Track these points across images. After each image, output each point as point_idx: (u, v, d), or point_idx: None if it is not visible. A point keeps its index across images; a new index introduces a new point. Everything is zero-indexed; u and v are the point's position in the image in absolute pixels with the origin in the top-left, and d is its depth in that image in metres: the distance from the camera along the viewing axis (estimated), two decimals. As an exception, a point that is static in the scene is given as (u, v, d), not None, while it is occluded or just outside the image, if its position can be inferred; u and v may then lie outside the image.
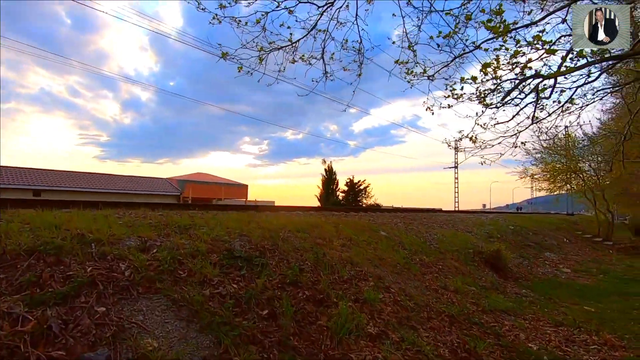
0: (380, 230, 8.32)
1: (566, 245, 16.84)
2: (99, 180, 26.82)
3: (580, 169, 21.04)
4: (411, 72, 5.22)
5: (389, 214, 13.02)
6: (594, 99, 6.53)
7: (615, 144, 8.55)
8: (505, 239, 13.44)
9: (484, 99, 4.44)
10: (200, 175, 39.28)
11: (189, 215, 5.71)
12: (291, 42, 5.43)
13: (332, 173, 36.04)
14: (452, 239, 10.23)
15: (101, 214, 4.70)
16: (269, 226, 5.29)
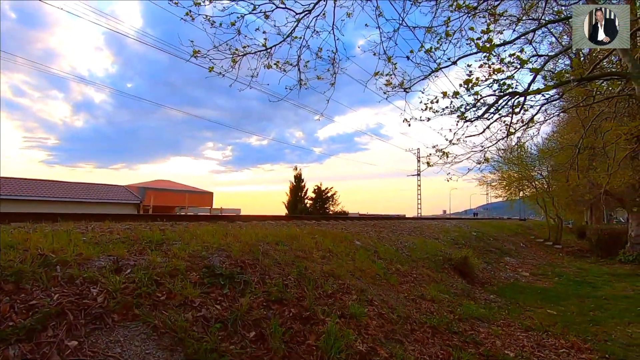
0: (355, 240, 8.32)
1: (523, 249, 17.83)
2: (48, 187, 24.74)
3: (532, 178, 22.57)
4: (390, 84, 5.29)
5: (360, 222, 13.11)
6: (552, 115, 6.97)
7: (570, 156, 9.20)
8: (470, 245, 13.97)
9: (463, 114, 4.58)
10: (162, 182, 37.60)
11: (159, 228, 5.36)
12: (266, 47, 5.31)
13: (300, 180, 35.91)
14: (422, 247, 10.45)
15: (62, 229, 4.28)
16: (248, 239, 5.08)
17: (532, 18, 5.59)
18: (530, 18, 5.61)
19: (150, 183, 36.08)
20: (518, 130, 6.07)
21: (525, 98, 4.59)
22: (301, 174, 36.37)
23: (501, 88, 4.10)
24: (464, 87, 4.10)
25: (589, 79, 3.87)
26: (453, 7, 3.91)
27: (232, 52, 4.54)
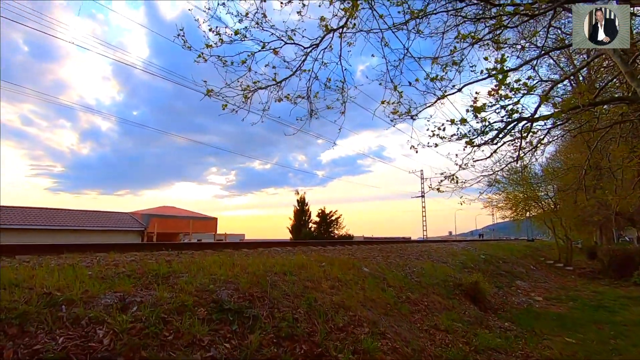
0: (363, 266, 8.15)
1: (534, 272, 17.42)
2: (52, 216, 24.75)
3: (539, 198, 22.35)
4: (396, 112, 5.32)
5: (366, 247, 12.91)
6: (557, 137, 6.96)
7: (577, 177, 9.13)
8: (479, 269, 13.66)
9: (471, 141, 4.57)
10: (166, 209, 37.58)
11: (164, 259, 5.28)
12: (276, 81, 5.40)
13: (304, 204, 35.79)
14: (431, 272, 10.22)
15: (67, 263, 4.21)
16: (255, 269, 4.98)
17: (536, 45, 5.69)
18: (534, 45, 5.71)
19: (155, 210, 36.05)
20: (526, 154, 6.06)
21: (533, 123, 4.59)
22: (305, 197, 36.33)
23: (509, 114, 4.11)
24: (472, 113, 4.11)
25: (597, 104, 3.88)
26: (459, 39, 3.98)
27: (243, 89, 4.61)
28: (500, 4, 3.68)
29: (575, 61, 10.75)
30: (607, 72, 8.53)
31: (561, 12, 4.73)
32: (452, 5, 4.36)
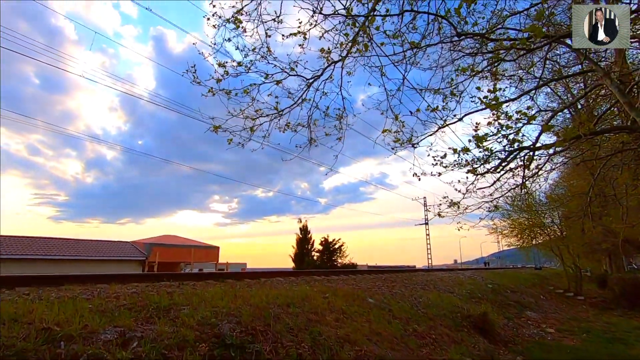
0: (368, 297, 7.96)
1: (543, 302, 16.92)
2: (54, 245, 24.61)
3: (544, 225, 22.04)
4: (398, 140, 5.39)
5: (370, 277, 12.66)
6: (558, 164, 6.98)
7: (581, 204, 9.06)
8: (487, 299, 13.30)
9: (474, 169, 4.60)
10: (168, 238, 37.32)
11: (166, 291, 5.19)
12: (278, 110, 5.52)
13: (307, 232, 35.48)
14: (437, 302, 9.95)
15: (67, 296, 4.15)
16: (258, 301, 4.87)
17: (533, 75, 5.84)
18: (531, 75, 5.87)
19: (156, 239, 35.80)
20: (528, 181, 6.05)
21: (535, 152, 4.63)
22: (307, 225, 36.05)
23: (511, 143, 4.16)
24: (474, 142, 4.16)
25: (598, 133, 3.93)
26: (458, 71, 4.11)
27: (245, 117, 4.71)
28: (496, 39, 3.83)
29: (573, 90, 10.97)
30: (605, 100, 8.68)
31: (556, 45, 4.89)
32: (449, 39, 4.53)
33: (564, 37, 3.75)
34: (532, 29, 2.95)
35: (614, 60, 6.61)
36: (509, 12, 5.17)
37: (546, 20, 5.03)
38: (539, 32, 2.95)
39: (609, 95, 7.65)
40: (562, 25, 6.10)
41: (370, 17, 3.73)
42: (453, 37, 3.83)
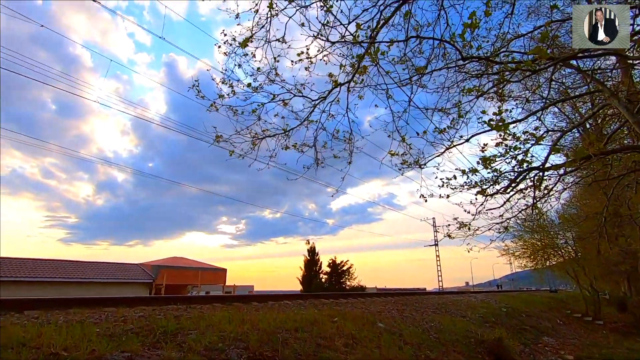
0: (378, 321, 7.76)
1: (561, 327, 16.30)
2: (66, 268, 24.72)
3: (557, 246, 21.48)
4: (405, 162, 5.40)
5: (380, 300, 12.39)
6: (570, 184, 6.89)
7: (596, 224, 8.87)
8: (501, 323, 12.86)
9: (483, 191, 4.56)
10: (175, 260, 37.23)
11: (173, 315, 5.14)
12: (284, 130, 5.60)
13: (314, 254, 35.10)
14: (449, 327, 9.65)
15: (75, 320, 4.13)
16: (265, 326, 4.79)
17: (540, 95, 5.87)
18: (538, 95, 5.89)
19: (164, 261, 35.73)
20: (539, 201, 5.97)
21: (544, 172, 4.59)
22: (315, 247, 35.70)
23: (520, 164, 4.14)
24: (482, 164, 4.15)
25: (609, 152, 3.89)
26: (464, 92, 4.16)
27: (252, 135, 4.78)
28: (501, 61, 3.89)
29: (581, 109, 10.94)
30: (614, 119, 8.63)
31: (561, 66, 4.94)
32: (454, 62, 4.60)
33: (569, 58, 3.79)
34: (537, 51, 2.99)
35: (620, 80, 6.62)
36: (512, 35, 5.26)
37: (550, 42, 5.10)
38: (544, 54, 2.99)
39: (617, 114, 7.62)
40: (566, 46, 6.17)
41: (376, 44, 3.83)
42: (458, 60, 3.90)
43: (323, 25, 4.19)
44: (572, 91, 5.71)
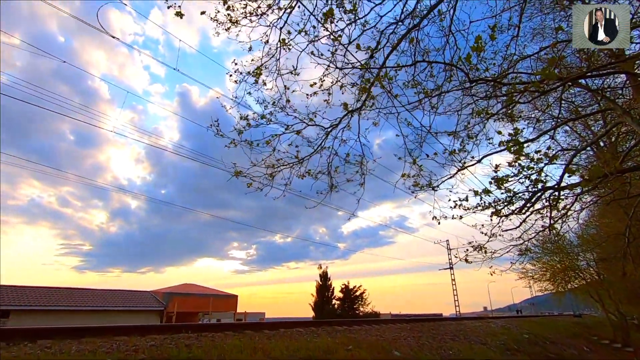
0: (393, 349, 7.50)
1: (588, 355, 15.45)
2: (78, 296, 24.80)
3: (579, 268, 20.65)
4: (417, 184, 5.37)
5: (395, 326, 12.01)
6: (589, 204, 6.72)
7: (619, 245, 8.56)
8: (524, 351, 12.27)
9: (498, 212, 4.49)
10: (187, 287, 37.02)
11: (184, 344, 5.06)
12: (298, 159, 5.65)
13: (327, 279, 34.47)
14: (469, 355, 9.25)
15: (88, 349, 4.10)
16: (277, 355, 4.67)
17: (551, 114, 5.85)
18: (550, 115, 5.87)
19: (175, 288, 35.56)
20: (557, 222, 5.82)
21: (560, 192, 4.50)
22: (327, 272, 35.07)
23: (534, 184, 4.08)
24: (494, 184, 4.10)
25: (625, 171, 3.81)
26: (473, 114, 4.18)
27: (267, 166, 4.84)
28: (509, 83, 3.92)
29: (593, 127, 10.81)
30: (629, 137, 8.49)
31: (570, 86, 4.94)
32: (462, 85, 4.65)
33: (577, 78, 3.80)
34: (544, 73, 3.01)
35: (632, 97, 6.57)
36: (519, 57, 5.31)
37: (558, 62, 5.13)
38: (552, 75, 3.00)
39: (632, 131, 7.50)
40: (573, 66, 6.19)
41: (385, 69, 3.91)
42: (465, 82, 3.95)
43: (332, 53, 4.32)
44: (583, 109, 5.68)
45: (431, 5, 4.16)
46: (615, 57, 5.81)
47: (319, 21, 4.47)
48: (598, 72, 3.92)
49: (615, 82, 7.34)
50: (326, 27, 4.52)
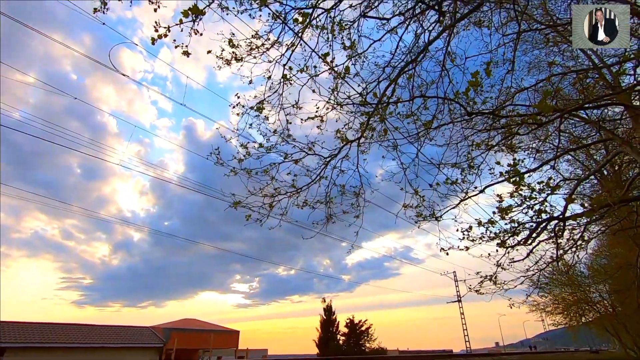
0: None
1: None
2: (76, 332, 24.07)
3: (592, 300, 19.92)
4: (420, 215, 5.32)
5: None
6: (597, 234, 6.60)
7: (633, 277, 8.31)
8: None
9: (503, 243, 4.41)
10: (188, 322, 35.99)
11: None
12: (296, 188, 5.66)
13: (331, 313, 33.44)
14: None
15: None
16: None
17: (552, 144, 5.89)
18: (550, 144, 5.91)
19: (176, 323, 34.58)
20: (565, 253, 5.70)
21: (565, 222, 4.44)
22: (331, 305, 34.07)
23: (538, 214, 4.03)
24: (499, 215, 4.06)
25: (630, 200, 3.77)
26: (473, 146, 4.22)
27: (263, 195, 4.85)
28: (507, 115, 3.98)
29: (596, 156, 10.80)
30: (632, 165, 8.46)
31: (567, 118, 5.01)
32: (461, 117, 4.72)
33: (574, 110, 3.85)
34: (540, 106, 3.06)
35: (632, 127, 6.62)
36: (516, 89, 5.43)
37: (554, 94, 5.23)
38: (547, 108, 3.05)
39: (635, 160, 7.49)
40: (570, 98, 6.29)
41: (383, 104, 4.00)
42: (464, 116, 4.02)
43: (333, 90, 4.43)
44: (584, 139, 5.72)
45: (427, 42, 4.32)
46: (612, 88, 5.92)
47: (320, 57, 4.63)
48: (595, 103, 3.97)
49: (614, 112, 7.43)
50: (327, 62, 4.68)
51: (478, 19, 4.50)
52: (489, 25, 4.56)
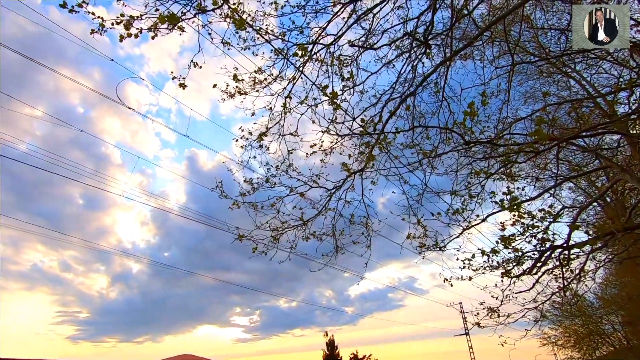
0: None
1: None
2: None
3: (604, 332, 19.17)
4: (423, 245, 5.27)
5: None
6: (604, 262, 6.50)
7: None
8: None
9: (507, 272, 4.34)
10: (185, 358, 34.65)
11: None
12: (303, 220, 5.64)
13: (334, 348, 32.18)
14: None
15: None
16: None
17: (552, 171, 5.92)
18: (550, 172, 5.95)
19: (174, 359, 33.27)
20: (572, 282, 5.57)
21: (569, 251, 4.38)
22: (334, 340, 32.84)
23: (541, 243, 3.99)
24: (501, 243, 4.02)
25: (634, 227, 3.74)
26: (472, 175, 4.25)
27: (272, 229, 4.85)
28: (505, 144, 4.05)
29: (597, 183, 10.76)
30: (634, 192, 8.43)
31: (564, 146, 5.08)
32: (460, 146, 4.79)
33: (571, 138, 3.91)
34: (537, 134, 3.12)
35: (631, 154, 6.66)
36: (513, 119, 5.53)
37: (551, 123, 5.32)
38: (544, 137, 3.10)
39: (636, 187, 7.47)
40: (568, 126, 6.39)
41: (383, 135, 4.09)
42: (463, 144, 4.08)
43: (332, 121, 4.55)
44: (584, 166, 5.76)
45: (424, 75, 4.47)
46: (608, 116, 6.03)
47: (320, 89, 4.78)
48: (591, 132, 4.03)
49: (611, 139, 7.50)
50: (326, 94, 4.82)
51: (470, 52, 4.68)
52: (482, 59, 4.73)
